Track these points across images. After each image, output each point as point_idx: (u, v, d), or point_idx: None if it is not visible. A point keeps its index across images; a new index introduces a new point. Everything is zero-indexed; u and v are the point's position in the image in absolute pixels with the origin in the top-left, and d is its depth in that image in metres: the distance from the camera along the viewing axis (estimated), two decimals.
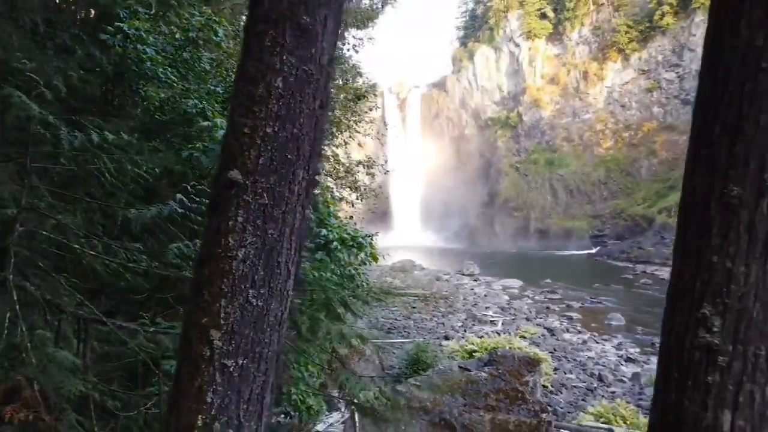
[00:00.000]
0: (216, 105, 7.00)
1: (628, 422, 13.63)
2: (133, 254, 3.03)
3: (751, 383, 1.40)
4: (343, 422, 12.51)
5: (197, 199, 3.42)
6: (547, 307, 28.92)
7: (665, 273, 37.82)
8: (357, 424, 11.89)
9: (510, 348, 16.86)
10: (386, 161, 15.86)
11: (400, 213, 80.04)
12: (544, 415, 12.03)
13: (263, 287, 1.72)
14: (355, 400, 4.86)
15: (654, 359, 17.00)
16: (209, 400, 1.63)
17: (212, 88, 7.53)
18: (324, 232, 7.15)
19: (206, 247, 1.77)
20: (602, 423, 13.69)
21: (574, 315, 26.95)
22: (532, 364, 13.90)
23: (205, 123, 6.11)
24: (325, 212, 7.75)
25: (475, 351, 17.67)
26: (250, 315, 1.70)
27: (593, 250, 58.18)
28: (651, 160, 63.21)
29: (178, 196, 3.21)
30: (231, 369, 1.66)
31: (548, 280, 36.76)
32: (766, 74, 1.44)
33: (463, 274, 41.59)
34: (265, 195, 1.71)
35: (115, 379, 3.75)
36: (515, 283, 36.84)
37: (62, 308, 2.70)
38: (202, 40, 8.00)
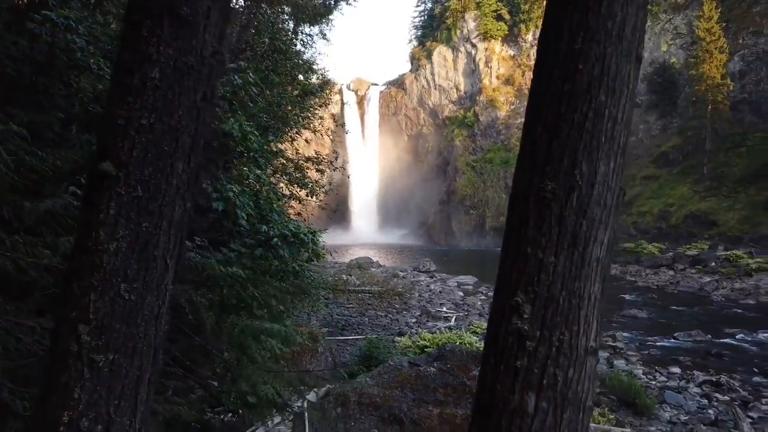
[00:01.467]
0: None
1: None
2: (35, 249, 2.93)
3: (554, 366, 1.47)
4: (291, 420, 12.41)
5: None
6: None
7: (613, 269, 39.08)
8: (306, 422, 11.83)
9: (460, 343, 17.06)
10: (336, 157, 15.75)
11: (359, 210, 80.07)
12: None
13: (137, 281, 1.70)
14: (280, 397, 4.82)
15: (599, 353, 17.61)
16: (76, 396, 1.60)
17: None
18: (264, 228, 7.09)
19: (78, 240, 1.73)
20: None
21: None
22: (480, 358, 14.14)
23: None
24: (266, 208, 7.68)
25: (426, 346, 17.81)
26: (122, 309, 1.68)
27: None
28: None
29: (71, 188, 3.12)
30: (100, 364, 1.63)
31: None
32: (583, 75, 1.52)
33: (420, 271, 41.91)
34: (139, 187, 1.68)
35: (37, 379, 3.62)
36: (470, 279, 37.35)
37: None
38: None
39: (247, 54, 10.66)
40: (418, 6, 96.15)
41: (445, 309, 27.01)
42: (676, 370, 14.74)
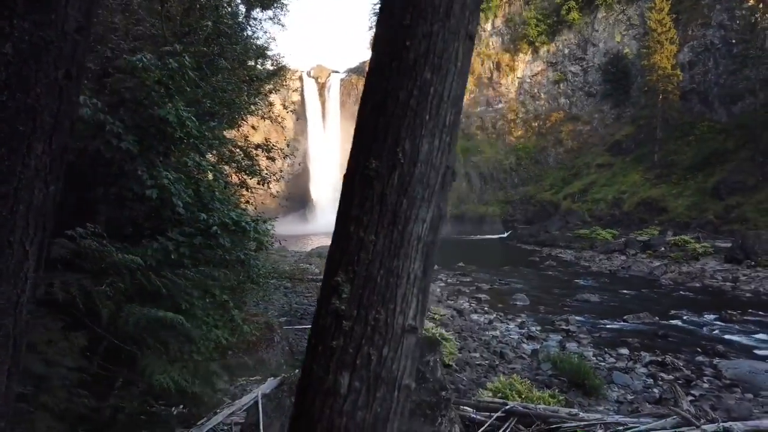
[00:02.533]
0: None
1: (523, 396, 14.29)
2: None
3: (369, 345, 1.47)
4: (245, 410, 12.28)
5: None
6: (459, 290, 29.74)
7: (568, 255, 40.09)
8: (260, 412, 11.72)
9: None
10: (288, 144, 15.52)
11: (320, 199, 79.66)
12: (443, 393, 12.35)
13: None
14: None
15: (552, 336, 17.90)
16: None
17: None
18: (203, 216, 6.93)
19: None
20: (499, 398, 14.27)
21: (483, 296, 27.90)
22: (433, 344, 14.23)
23: None
24: (207, 196, 7.51)
25: None
26: None
27: (505, 234, 60.54)
28: (557, 149, 66.55)
29: None
30: None
31: (461, 264, 37.83)
32: (409, 52, 1.52)
33: None
34: None
35: None
36: None
37: None
38: None
39: (191, 38, 10.35)
40: None
41: None
42: (625, 351, 15.20)
